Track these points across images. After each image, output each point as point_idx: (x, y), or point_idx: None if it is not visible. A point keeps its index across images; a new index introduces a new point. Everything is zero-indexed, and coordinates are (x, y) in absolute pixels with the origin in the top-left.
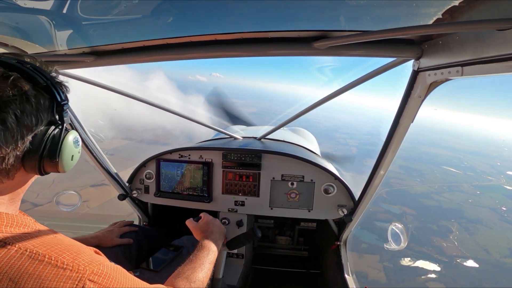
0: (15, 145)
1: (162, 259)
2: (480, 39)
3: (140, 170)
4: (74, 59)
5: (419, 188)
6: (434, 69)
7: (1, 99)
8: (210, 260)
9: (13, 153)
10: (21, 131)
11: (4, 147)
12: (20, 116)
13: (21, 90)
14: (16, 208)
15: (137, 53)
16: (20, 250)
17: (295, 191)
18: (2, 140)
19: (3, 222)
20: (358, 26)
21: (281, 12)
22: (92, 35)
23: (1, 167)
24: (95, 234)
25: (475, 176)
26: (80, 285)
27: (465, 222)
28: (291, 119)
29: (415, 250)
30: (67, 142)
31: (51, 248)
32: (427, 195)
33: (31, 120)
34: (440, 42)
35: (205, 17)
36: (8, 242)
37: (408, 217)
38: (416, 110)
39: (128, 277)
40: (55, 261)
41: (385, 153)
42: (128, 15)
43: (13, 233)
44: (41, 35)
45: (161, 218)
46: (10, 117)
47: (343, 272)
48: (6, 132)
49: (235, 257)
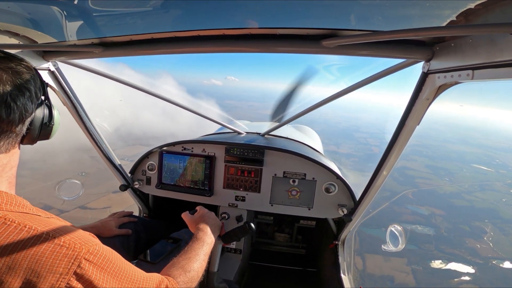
0: (31, 112)
1: (160, 251)
2: (494, 43)
3: (143, 161)
4: (82, 50)
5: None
6: (444, 72)
7: (23, 75)
8: (205, 252)
9: (28, 119)
10: (35, 100)
11: (29, 113)
12: (35, 89)
13: (30, 69)
14: (13, 186)
15: (145, 45)
16: (19, 226)
17: (296, 189)
18: (29, 107)
19: (3, 200)
20: (369, 26)
21: (290, 9)
22: (101, 26)
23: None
24: (93, 224)
25: (508, 174)
26: (75, 263)
27: (500, 222)
28: (296, 117)
29: (447, 252)
30: (55, 109)
31: (49, 226)
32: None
33: (37, 93)
34: (452, 44)
35: (214, 12)
36: (7, 218)
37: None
38: (423, 112)
39: (124, 262)
40: (52, 238)
41: (389, 154)
42: (138, 7)
43: (12, 210)
44: (52, 26)
45: (162, 210)
46: (32, 88)
47: (339, 271)
48: (31, 100)
49: (232, 252)
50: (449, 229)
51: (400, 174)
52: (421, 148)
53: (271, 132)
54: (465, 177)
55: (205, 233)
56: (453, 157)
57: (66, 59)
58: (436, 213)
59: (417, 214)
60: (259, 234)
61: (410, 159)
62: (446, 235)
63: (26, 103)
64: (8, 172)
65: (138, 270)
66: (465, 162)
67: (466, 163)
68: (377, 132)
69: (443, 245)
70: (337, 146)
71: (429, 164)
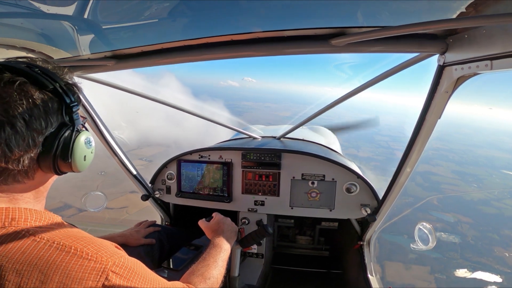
0: (28, 148)
1: (183, 258)
2: (508, 32)
3: (162, 171)
4: (96, 63)
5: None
6: (461, 64)
7: (8, 104)
8: (223, 258)
9: (26, 155)
10: (31, 134)
11: (17, 150)
12: (28, 120)
13: (27, 94)
14: (42, 205)
15: (156, 56)
16: (48, 242)
17: (316, 190)
18: (14, 144)
19: (32, 217)
20: (377, 22)
21: (296, 10)
22: (112, 39)
23: (18, 168)
24: (122, 233)
25: None
26: (103, 276)
27: None
28: (311, 118)
29: (473, 260)
30: (78, 143)
31: (76, 240)
32: (486, 202)
33: (41, 124)
34: (465, 36)
35: (221, 18)
36: (37, 235)
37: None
38: (443, 105)
39: (148, 272)
40: (80, 252)
41: (411, 150)
42: (146, 19)
43: (41, 227)
44: (65, 41)
45: (182, 217)
46: (18, 122)
47: (365, 272)
48: (16, 136)
49: (254, 257)
50: (477, 237)
51: (425, 180)
52: (447, 152)
53: (286, 135)
54: (495, 184)
55: (222, 239)
56: (481, 162)
57: (82, 74)
58: (463, 221)
59: (442, 221)
60: (280, 238)
61: (435, 164)
62: (473, 243)
63: (8, 140)
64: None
65: (161, 279)
66: (495, 167)
67: (496, 169)
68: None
69: (469, 253)
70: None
71: (456, 169)
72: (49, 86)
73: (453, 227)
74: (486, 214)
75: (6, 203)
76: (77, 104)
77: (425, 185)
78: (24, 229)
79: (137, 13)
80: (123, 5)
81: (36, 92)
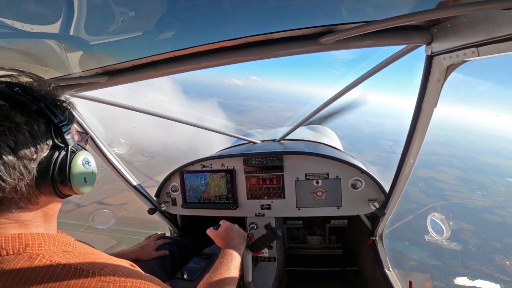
0: (21, 176)
1: (195, 268)
2: (489, 20)
3: (166, 184)
4: (88, 81)
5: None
6: (448, 52)
7: None
8: (235, 265)
9: (22, 183)
10: (21, 162)
11: (10, 180)
12: (15, 147)
13: (8, 118)
14: (54, 228)
15: (148, 69)
16: (66, 267)
17: (321, 189)
18: (4, 173)
19: (45, 242)
20: (362, 17)
21: (283, 11)
22: (101, 55)
23: (18, 196)
24: (133, 249)
25: None
26: None
27: None
28: (308, 117)
29: (473, 268)
30: (75, 165)
31: (93, 264)
32: (490, 210)
33: (29, 149)
34: (448, 25)
35: (209, 26)
36: (53, 260)
37: (466, 233)
38: (437, 94)
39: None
40: (99, 275)
41: (412, 141)
42: (133, 33)
43: (56, 251)
44: (54, 59)
45: (191, 228)
46: (3, 150)
47: (382, 267)
48: (5, 165)
49: (267, 261)
50: (478, 245)
51: (429, 186)
52: (452, 159)
53: (286, 137)
54: (499, 192)
55: (232, 246)
56: (487, 170)
57: (75, 93)
58: (465, 228)
59: None
60: (290, 240)
61: (439, 170)
62: (474, 251)
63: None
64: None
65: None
66: (500, 175)
67: (501, 177)
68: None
69: (470, 261)
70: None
71: (460, 176)
72: (32, 107)
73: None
74: (489, 222)
75: (17, 229)
76: (67, 123)
77: (428, 191)
78: (40, 254)
79: (124, 27)
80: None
81: (17, 115)
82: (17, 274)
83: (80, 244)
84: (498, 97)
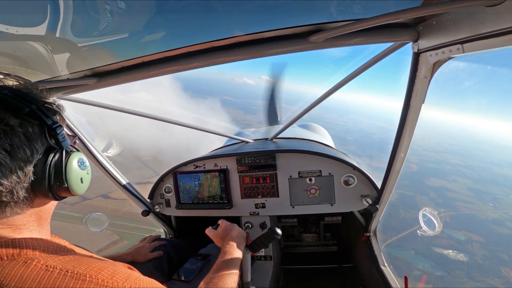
0: (18, 179)
1: (192, 269)
2: (473, 17)
3: (159, 185)
4: (77, 83)
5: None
6: (434, 49)
7: None
8: (235, 265)
9: (18, 186)
10: (18, 164)
11: (6, 183)
12: (10, 150)
13: (1, 122)
14: (47, 232)
15: (137, 70)
16: (62, 271)
17: (315, 187)
18: (2, 177)
19: (40, 246)
20: (351, 15)
21: (273, 10)
22: (89, 57)
23: (14, 199)
24: (128, 251)
25: None
26: None
27: None
28: (300, 115)
29: (478, 280)
30: (71, 166)
31: (89, 267)
32: (500, 222)
33: (25, 152)
34: (434, 22)
35: (199, 26)
36: (49, 265)
37: (474, 244)
38: (425, 90)
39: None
40: (96, 279)
41: (401, 136)
42: (121, 33)
43: (51, 256)
44: (40, 62)
45: (186, 229)
46: (0, 154)
47: (377, 262)
48: (2, 169)
49: (263, 260)
50: (486, 256)
51: (439, 196)
52: (465, 169)
53: (278, 135)
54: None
55: (232, 246)
56: (500, 181)
57: (63, 95)
58: (474, 239)
59: (452, 238)
60: (286, 238)
61: (451, 180)
62: (481, 262)
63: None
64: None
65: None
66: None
67: None
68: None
69: (475, 272)
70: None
71: (472, 187)
72: (25, 109)
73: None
74: (499, 234)
75: (11, 234)
76: (60, 125)
77: (438, 201)
78: (35, 259)
79: (112, 28)
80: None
81: (11, 118)
82: (13, 279)
83: (76, 248)
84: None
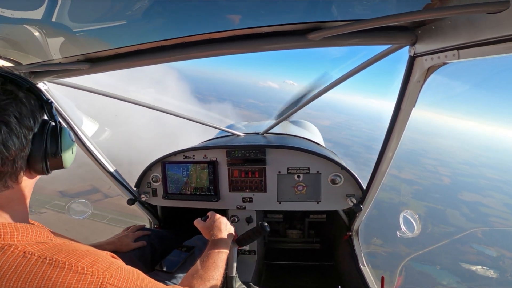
0: (21, 146)
1: (175, 260)
2: (472, 23)
3: (147, 174)
4: (69, 68)
5: None
6: (430, 54)
7: None
8: (222, 259)
9: (20, 154)
10: (24, 131)
11: (13, 149)
12: (19, 118)
13: (12, 93)
14: (26, 216)
15: (132, 58)
16: (40, 258)
17: (302, 184)
18: (11, 143)
19: (18, 232)
20: (351, 16)
21: (273, 6)
22: (84, 42)
23: (12, 170)
24: (110, 240)
25: None
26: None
27: None
28: (292, 112)
29: None
30: (65, 137)
31: (69, 254)
32: None
33: (30, 120)
34: (433, 27)
35: (198, 17)
36: (26, 251)
37: (507, 261)
38: (416, 95)
39: (146, 279)
40: (75, 267)
41: (390, 138)
42: (119, 20)
43: (30, 242)
44: (33, 45)
45: (171, 219)
46: (12, 119)
47: (357, 262)
48: (11, 135)
49: (247, 254)
50: None
51: (472, 210)
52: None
53: (270, 130)
54: None
55: (220, 239)
56: None
57: (54, 79)
58: (507, 256)
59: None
60: (271, 233)
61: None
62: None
63: (5, 139)
64: (19, 205)
65: (160, 285)
66: None
67: None
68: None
69: None
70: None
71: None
72: (26, 85)
73: (494, 262)
74: None
75: None
76: (52, 101)
77: (471, 216)
78: (12, 245)
79: (110, 15)
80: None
81: (19, 91)
82: None
83: (55, 235)
84: None
